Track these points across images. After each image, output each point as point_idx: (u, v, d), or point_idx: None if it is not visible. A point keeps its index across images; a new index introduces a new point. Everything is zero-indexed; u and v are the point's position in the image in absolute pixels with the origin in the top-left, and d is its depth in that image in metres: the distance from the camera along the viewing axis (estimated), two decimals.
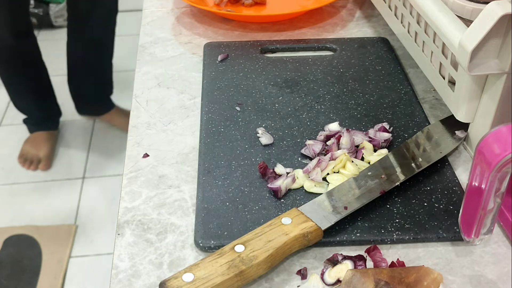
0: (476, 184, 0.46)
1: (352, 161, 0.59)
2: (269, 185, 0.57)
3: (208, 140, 0.63)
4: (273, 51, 0.80)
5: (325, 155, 0.60)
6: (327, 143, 0.61)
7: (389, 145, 0.62)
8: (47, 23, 2.53)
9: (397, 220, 0.53)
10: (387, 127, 0.64)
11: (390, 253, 0.52)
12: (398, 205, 0.55)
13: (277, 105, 0.68)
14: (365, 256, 0.51)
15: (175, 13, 0.91)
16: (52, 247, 1.58)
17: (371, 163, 0.59)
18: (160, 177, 0.60)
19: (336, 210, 0.53)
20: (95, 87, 1.92)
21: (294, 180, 0.57)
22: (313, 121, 0.65)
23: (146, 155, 0.62)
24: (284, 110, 0.67)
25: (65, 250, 1.58)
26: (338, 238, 0.52)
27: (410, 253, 0.52)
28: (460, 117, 0.60)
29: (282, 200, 0.56)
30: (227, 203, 0.55)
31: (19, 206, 1.72)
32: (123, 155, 0.63)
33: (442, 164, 0.59)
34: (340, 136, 0.61)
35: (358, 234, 0.52)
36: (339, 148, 0.60)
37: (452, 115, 0.62)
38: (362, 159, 0.60)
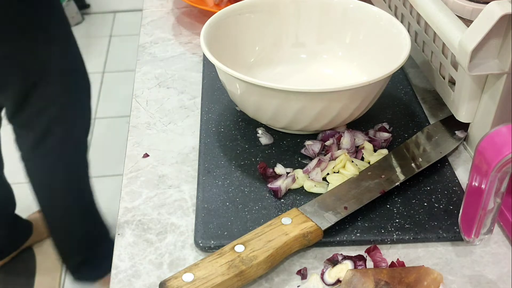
0: (476, 184, 0.46)
1: (352, 161, 0.59)
2: (269, 185, 0.57)
3: (208, 140, 0.63)
4: None
5: (325, 155, 0.60)
6: (326, 143, 0.61)
7: (389, 145, 0.62)
8: None
9: (397, 220, 0.53)
10: (387, 127, 0.64)
11: (390, 253, 0.52)
12: (398, 205, 0.55)
13: None
14: (365, 256, 0.51)
15: (175, 13, 0.91)
16: (45, 248, 1.58)
17: (371, 163, 0.59)
18: (160, 177, 0.60)
19: (336, 210, 0.53)
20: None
21: (294, 180, 0.57)
22: None
23: (146, 155, 0.63)
24: None
25: None
26: (338, 238, 0.52)
27: (410, 253, 0.52)
28: (460, 117, 0.60)
29: (282, 200, 0.56)
30: (227, 203, 0.55)
31: (19, 206, 1.71)
32: (123, 155, 0.63)
33: (442, 164, 0.59)
34: (340, 136, 0.61)
35: (358, 234, 0.52)
36: (339, 148, 0.60)
37: (452, 115, 0.62)
38: (362, 159, 0.60)
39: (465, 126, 0.62)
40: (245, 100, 0.60)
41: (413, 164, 0.58)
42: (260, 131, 0.64)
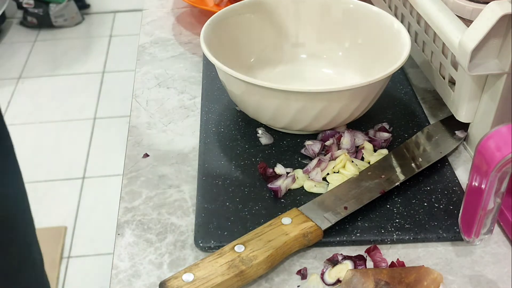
0: (476, 184, 0.46)
1: (352, 161, 0.59)
2: (269, 185, 0.57)
3: (208, 140, 0.63)
4: None
5: (325, 155, 0.60)
6: (326, 143, 0.61)
7: (389, 145, 0.62)
8: (47, 23, 2.53)
9: (397, 220, 0.53)
10: (387, 127, 0.64)
11: (390, 253, 0.52)
12: (398, 205, 0.55)
13: None
14: (365, 256, 0.51)
15: (175, 13, 0.91)
16: (44, 248, 1.58)
17: (371, 163, 0.59)
18: (160, 177, 0.60)
19: (336, 210, 0.53)
20: None
21: (294, 180, 0.57)
22: None
23: (146, 155, 0.62)
24: None
25: (56, 251, 1.58)
26: (338, 238, 0.52)
27: (410, 253, 0.52)
28: (460, 117, 0.60)
29: (282, 200, 0.56)
30: (227, 203, 0.55)
31: None
32: (123, 155, 0.64)
33: (442, 164, 0.59)
34: (340, 136, 0.61)
35: (358, 234, 0.52)
36: (339, 148, 0.60)
37: (452, 115, 0.62)
38: (362, 159, 0.60)
39: (465, 126, 0.62)
40: (245, 100, 0.60)
41: (413, 164, 0.58)
42: (260, 131, 0.64)
